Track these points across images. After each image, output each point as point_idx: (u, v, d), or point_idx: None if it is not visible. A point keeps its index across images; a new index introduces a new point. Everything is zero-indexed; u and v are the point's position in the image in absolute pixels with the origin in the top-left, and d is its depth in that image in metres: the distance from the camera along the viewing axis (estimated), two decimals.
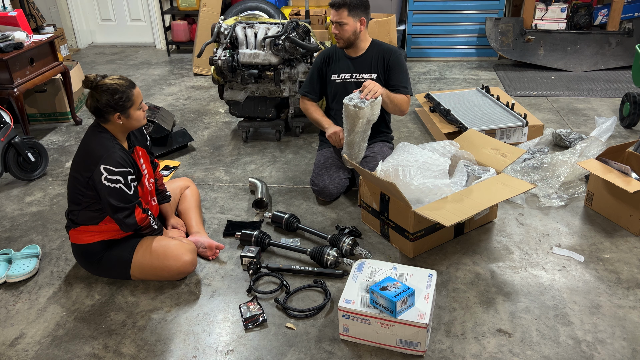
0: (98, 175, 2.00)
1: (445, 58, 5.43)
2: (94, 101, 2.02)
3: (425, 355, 1.81)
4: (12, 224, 2.73)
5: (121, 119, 2.06)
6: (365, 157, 2.77)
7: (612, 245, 2.36)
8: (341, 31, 2.68)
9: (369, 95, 2.46)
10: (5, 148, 3.02)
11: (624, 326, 1.91)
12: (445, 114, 3.52)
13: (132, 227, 2.10)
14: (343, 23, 2.66)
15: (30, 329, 2.01)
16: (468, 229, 2.47)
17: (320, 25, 5.02)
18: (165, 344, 1.91)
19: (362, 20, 2.69)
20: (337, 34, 2.70)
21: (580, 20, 4.88)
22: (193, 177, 3.12)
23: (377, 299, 1.78)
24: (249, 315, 1.99)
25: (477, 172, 2.45)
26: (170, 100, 4.47)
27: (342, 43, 2.74)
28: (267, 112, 3.52)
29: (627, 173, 2.36)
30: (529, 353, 1.81)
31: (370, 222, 2.54)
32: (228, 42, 3.37)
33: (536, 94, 4.29)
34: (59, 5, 6.13)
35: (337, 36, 2.71)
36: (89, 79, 2.02)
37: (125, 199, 2.04)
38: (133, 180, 2.08)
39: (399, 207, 2.27)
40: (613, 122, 3.25)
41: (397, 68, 2.74)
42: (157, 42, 6.32)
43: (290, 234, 2.54)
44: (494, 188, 2.27)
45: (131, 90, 2.05)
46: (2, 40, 3.45)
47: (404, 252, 2.34)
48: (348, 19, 2.65)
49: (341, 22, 2.66)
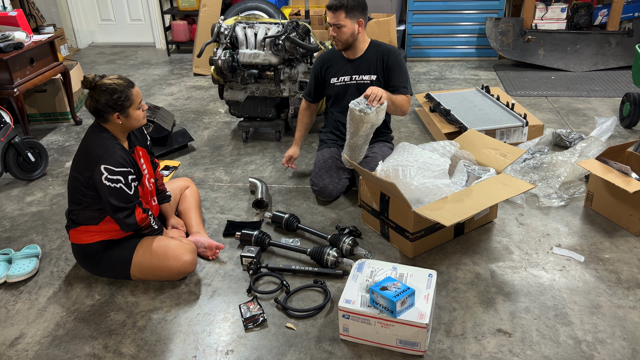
0: (98, 175, 2.00)
1: (445, 58, 5.43)
2: (93, 101, 2.02)
3: (425, 355, 1.81)
4: (12, 224, 2.73)
5: (120, 119, 2.06)
6: (365, 157, 2.77)
7: (612, 245, 2.36)
8: (339, 33, 2.67)
9: (374, 102, 2.46)
10: (5, 148, 3.02)
11: (624, 326, 1.91)
12: (445, 114, 3.52)
13: (133, 227, 2.10)
14: (341, 25, 2.64)
15: (30, 329, 2.01)
16: (468, 229, 2.47)
17: (320, 25, 5.02)
18: (165, 344, 1.91)
19: (360, 21, 2.67)
20: (335, 36, 2.68)
21: (580, 20, 4.88)
22: (193, 177, 3.12)
23: (377, 299, 1.78)
24: (249, 315, 1.99)
25: (477, 172, 2.44)
26: (170, 100, 4.47)
27: (340, 45, 2.73)
28: (267, 112, 3.52)
29: (627, 173, 2.36)
30: (529, 353, 1.81)
31: (370, 222, 2.54)
32: (228, 42, 3.37)
33: (536, 94, 4.29)
34: (59, 5, 6.13)
35: (335, 38, 2.70)
36: (87, 79, 2.02)
37: (125, 199, 2.04)
38: (133, 180, 2.08)
39: (399, 207, 2.27)
40: (613, 122, 3.25)
41: (396, 68, 2.73)
42: (157, 42, 6.32)
43: (290, 234, 2.54)
44: (494, 188, 2.27)
45: (130, 90, 2.04)
46: (2, 40, 3.45)
47: (404, 252, 2.34)
48: (346, 21, 2.63)
49: (339, 25, 2.64)
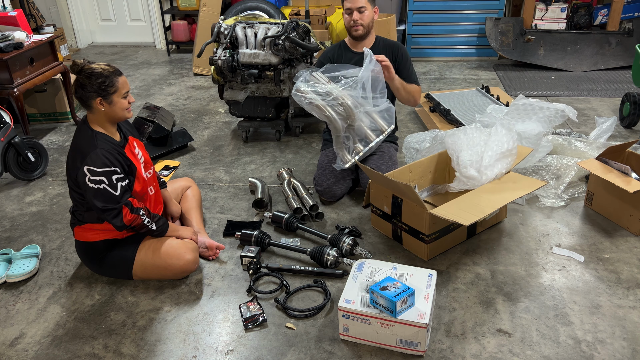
0: (82, 177, 1.97)
1: (445, 58, 5.43)
2: (79, 86, 2.00)
3: (425, 355, 1.81)
4: (12, 224, 2.73)
5: (104, 105, 2.02)
6: (371, 156, 2.76)
7: (612, 245, 2.36)
8: (362, 17, 2.70)
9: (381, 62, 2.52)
10: (5, 148, 3.02)
11: (624, 326, 1.91)
12: (445, 113, 3.52)
13: (121, 228, 2.06)
14: (364, 8, 2.68)
15: (30, 329, 2.01)
16: (481, 228, 2.46)
17: (320, 25, 5.02)
18: (165, 344, 1.91)
19: (376, 9, 2.75)
20: (358, 20, 2.70)
21: (580, 20, 4.88)
22: (193, 177, 3.12)
23: (377, 298, 1.78)
24: (249, 315, 1.99)
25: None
26: (170, 100, 4.47)
27: (362, 30, 2.74)
28: (267, 112, 3.52)
29: (627, 173, 2.36)
30: (529, 353, 1.81)
31: (381, 226, 2.50)
32: (228, 42, 3.37)
33: (536, 94, 4.29)
34: (59, 5, 6.13)
35: (357, 23, 2.71)
36: (76, 64, 2.01)
37: (110, 200, 1.99)
38: (120, 180, 2.02)
39: (412, 209, 2.25)
40: (613, 122, 3.24)
41: (406, 62, 2.80)
42: (157, 42, 6.32)
43: (290, 234, 2.54)
44: (505, 187, 2.27)
45: (116, 77, 2.03)
46: (2, 40, 3.45)
47: (419, 255, 2.31)
48: (367, 4, 2.69)
49: (362, 8, 2.67)
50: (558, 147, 2.98)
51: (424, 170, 2.61)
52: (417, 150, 3.01)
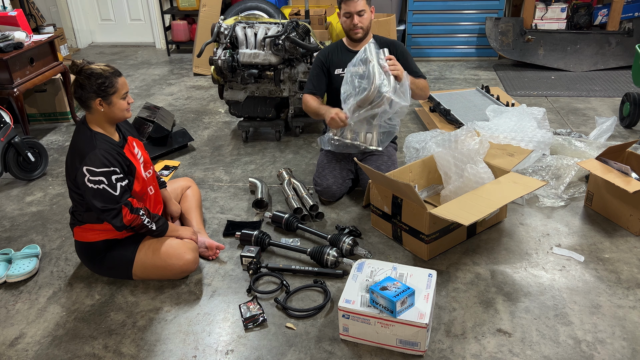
0: (81, 177, 1.97)
1: (445, 58, 5.43)
2: (78, 86, 2.00)
3: (425, 355, 1.81)
4: (12, 224, 2.73)
5: (103, 106, 2.02)
6: (371, 155, 2.77)
7: (612, 245, 2.36)
8: (362, 20, 2.73)
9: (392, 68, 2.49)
10: (5, 148, 3.02)
11: (624, 326, 1.91)
12: (445, 114, 3.52)
13: (121, 229, 2.06)
14: (363, 12, 2.71)
15: (30, 329, 2.01)
16: (481, 228, 2.46)
17: (320, 25, 5.02)
18: (165, 344, 1.91)
19: (372, 9, 2.78)
20: (358, 24, 2.72)
21: (580, 20, 4.88)
22: (193, 177, 3.11)
23: (377, 298, 1.78)
24: (249, 315, 1.99)
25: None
26: (170, 100, 4.47)
27: (362, 33, 2.77)
28: (267, 112, 3.52)
29: (627, 173, 2.36)
30: (529, 353, 1.81)
31: (381, 226, 2.50)
32: (228, 42, 3.37)
33: (536, 94, 4.29)
34: (59, 5, 6.13)
35: (358, 26, 2.73)
36: (75, 64, 2.01)
37: (110, 200, 1.99)
38: (119, 180, 2.02)
39: (412, 209, 2.25)
40: (613, 122, 3.25)
41: (407, 58, 2.80)
42: (157, 42, 6.32)
43: (290, 234, 2.54)
44: (506, 187, 2.27)
45: (116, 78, 2.03)
46: (2, 40, 3.45)
47: (419, 255, 2.31)
48: (366, 7, 2.72)
49: (361, 11, 2.70)
50: (558, 147, 2.99)
51: (424, 170, 2.61)
52: (417, 150, 3.01)
